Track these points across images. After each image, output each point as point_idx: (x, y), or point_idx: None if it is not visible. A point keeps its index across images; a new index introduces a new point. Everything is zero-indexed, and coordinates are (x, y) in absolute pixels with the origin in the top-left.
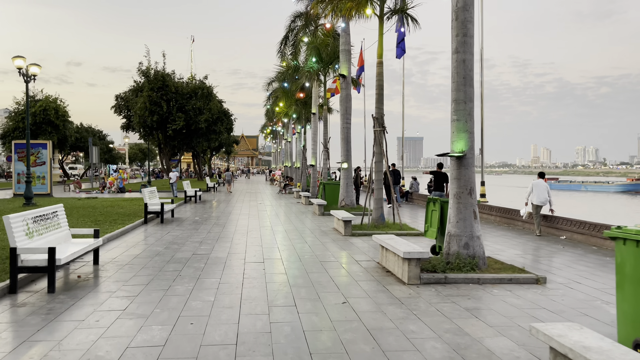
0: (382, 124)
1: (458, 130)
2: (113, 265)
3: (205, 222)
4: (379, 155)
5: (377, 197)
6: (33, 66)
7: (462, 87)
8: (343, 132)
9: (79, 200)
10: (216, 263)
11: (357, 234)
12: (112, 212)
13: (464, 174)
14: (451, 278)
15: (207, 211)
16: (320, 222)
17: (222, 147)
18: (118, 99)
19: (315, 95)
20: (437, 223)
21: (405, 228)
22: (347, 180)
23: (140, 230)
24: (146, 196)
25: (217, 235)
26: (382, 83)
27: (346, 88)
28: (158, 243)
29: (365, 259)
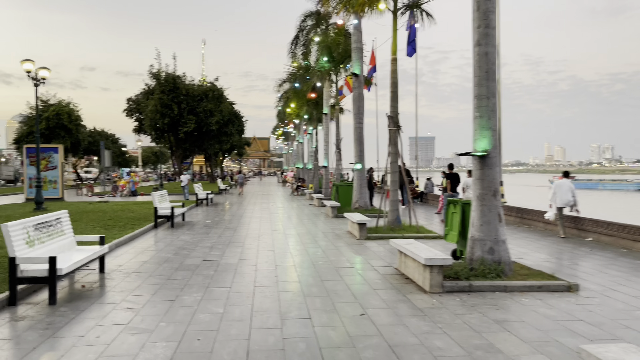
0: (397, 122)
1: (481, 128)
2: (119, 274)
3: (217, 225)
4: (394, 155)
5: (393, 199)
6: (42, 69)
7: (485, 81)
8: (356, 132)
9: (90, 205)
10: (226, 270)
11: (372, 237)
12: (122, 216)
13: (487, 174)
14: (476, 286)
15: (219, 214)
16: (333, 225)
17: (234, 149)
18: (129, 102)
19: (327, 96)
20: (458, 226)
21: (422, 230)
22: (360, 182)
23: (150, 235)
24: (156, 200)
25: (228, 239)
26: (396, 81)
27: (358, 87)
28: (167, 249)
29: (382, 265)
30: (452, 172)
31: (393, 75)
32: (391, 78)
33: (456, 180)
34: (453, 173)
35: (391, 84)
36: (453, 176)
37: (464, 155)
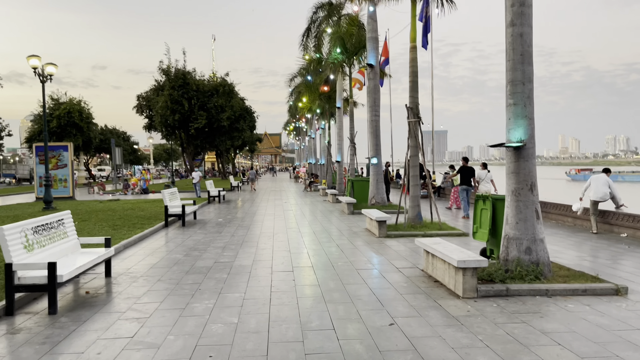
0: (417, 114)
1: (515, 116)
2: (126, 278)
3: (229, 224)
4: (414, 148)
5: (414, 194)
6: (49, 65)
7: (520, 65)
8: (371, 126)
9: (100, 203)
10: (240, 273)
11: (392, 235)
12: (132, 215)
13: (523, 167)
14: (514, 290)
15: (231, 212)
16: (350, 222)
17: (246, 145)
18: (139, 99)
19: (340, 89)
20: (488, 223)
21: (445, 227)
22: (377, 177)
23: (160, 234)
24: (166, 198)
25: (241, 239)
26: (416, 70)
27: (374, 78)
28: (178, 249)
29: (406, 266)
30: (467, 166)
31: (412, 64)
32: (410, 67)
33: (470, 173)
34: (467, 166)
35: (410, 73)
36: (467, 169)
37: (497, 146)
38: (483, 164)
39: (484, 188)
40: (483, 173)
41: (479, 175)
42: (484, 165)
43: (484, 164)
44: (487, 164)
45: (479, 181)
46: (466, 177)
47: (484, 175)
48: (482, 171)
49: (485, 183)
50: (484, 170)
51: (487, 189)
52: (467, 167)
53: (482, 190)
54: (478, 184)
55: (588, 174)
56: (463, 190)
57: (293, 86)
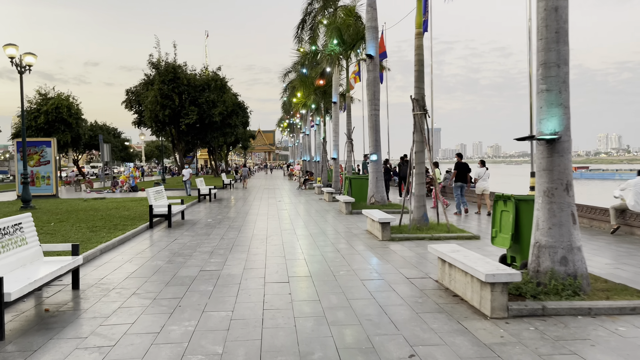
0: (423, 106)
1: (549, 104)
2: (97, 290)
3: (219, 224)
4: (419, 143)
5: (419, 194)
6: (28, 55)
7: (554, 44)
8: (371, 120)
9: (84, 202)
10: (228, 284)
11: (397, 238)
12: (115, 215)
13: (557, 163)
14: (551, 308)
15: (222, 211)
16: (349, 223)
17: (239, 142)
18: (129, 93)
19: (336, 83)
20: (510, 228)
21: (453, 230)
22: (376, 174)
23: (143, 237)
24: (151, 197)
25: (231, 242)
26: (421, 58)
27: (373, 70)
28: (160, 255)
29: (417, 275)
30: (461, 162)
31: (418, 52)
32: (416, 55)
33: (465, 169)
34: (462, 162)
35: (416, 62)
36: (462, 166)
37: (526, 139)
38: (481, 161)
39: (482, 185)
40: (482, 170)
41: (477, 172)
42: (482, 163)
43: (482, 161)
44: (485, 161)
45: (477, 179)
46: (461, 173)
47: (483, 173)
48: (481, 169)
49: (482, 181)
50: (482, 168)
51: (485, 187)
52: (461, 163)
53: (479, 187)
54: (476, 181)
55: (585, 172)
56: (457, 186)
57: (287, 82)
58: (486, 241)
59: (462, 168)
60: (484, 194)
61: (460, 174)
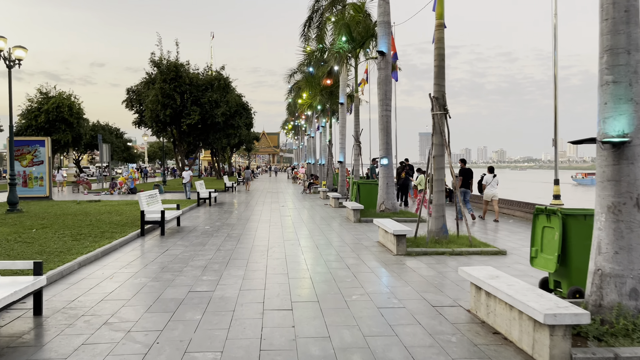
0: (443, 105)
1: (615, 100)
2: (62, 318)
3: (217, 232)
4: (439, 147)
5: (438, 203)
6: (18, 49)
7: (623, 26)
8: (382, 121)
9: (77, 205)
10: (220, 311)
11: (414, 252)
12: (105, 220)
13: (626, 172)
14: (625, 358)
15: (222, 217)
16: (358, 233)
17: (242, 143)
18: (129, 92)
19: (343, 83)
20: (556, 248)
21: (476, 244)
22: (387, 179)
23: (131, 247)
24: (143, 202)
25: (228, 254)
26: (442, 52)
27: (385, 68)
28: (147, 270)
29: (444, 302)
30: (465, 168)
31: (439, 45)
32: (436, 49)
33: (468, 175)
34: (466, 168)
35: (436, 56)
36: (465, 172)
37: (584, 142)
38: (490, 167)
39: (490, 192)
40: (490, 177)
41: (485, 179)
42: (490, 169)
43: (491, 167)
44: (493, 167)
45: (485, 185)
46: (464, 180)
47: (491, 179)
48: (489, 175)
49: (491, 187)
50: (490, 174)
51: (493, 193)
52: (465, 169)
53: (488, 194)
54: (484, 187)
55: (594, 177)
56: (461, 192)
57: (292, 83)
58: (515, 257)
59: (465, 174)
60: (493, 200)
61: (463, 180)
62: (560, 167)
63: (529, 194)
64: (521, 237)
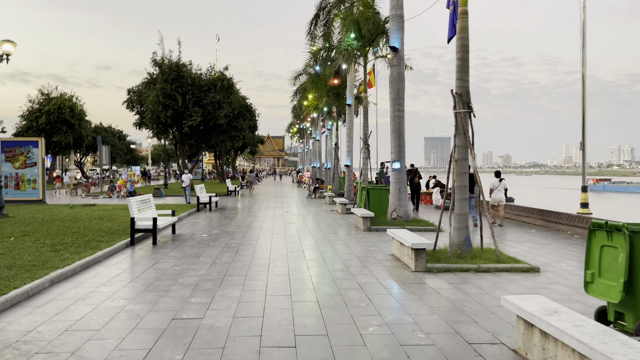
0: (467, 102)
1: None
2: (11, 357)
3: (215, 241)
4: (462, 149)
5: (460, 212)
6: (6, 43)
7: None
8: (394, 122)
9: (70, 209)
10: (206, 350)
11: (434, 269)
12: (94, 227)
13: None
14: None
15: (222, 223)
16: (368, 244)
17: (247, 146)
18: (130, 93)
19: (351, 84)
20: (621, 272)
21: (504, 259)
22: (399, 185)
23: (117, 258)
24: (134, 208)
25: (224, 269)
26: (466, 43)
27: (398, 65)
28: (128, 289)
29: (481, 338)
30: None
31: (462, 35)
32: (459, 39)
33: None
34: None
35: (459, 48)
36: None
37: None
38: (496, 172)
39: (497, 197)
40: (496, 181)
41: (492, 183)
42: (497, 174)
43: (498, 172)
44: (500, 172)
45: (492, 189)
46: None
47: (497, 184)
48: (495, 179)
49: (497, 192)
50: (496, 179)
51: (499, 198)
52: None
53: (494, 199)
54: (491, 192)
55: (607, 184)
56: None
57: (298, 84)
58: (550, 276)
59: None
60: (500, 204)
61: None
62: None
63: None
64: (550, 250)
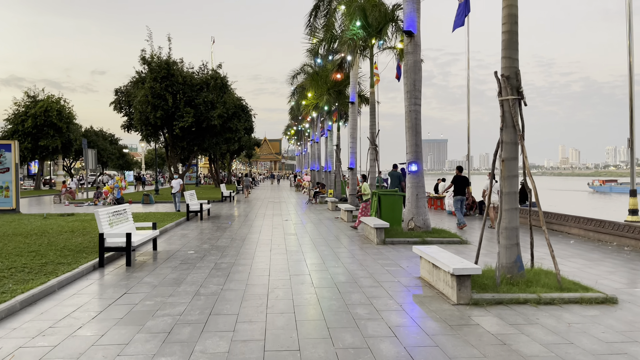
0: (517, 87)
1: None
2: None
3: (202, 260)
4: (511, 147)
5: (509, 225)
6: None
7: None
8: (410, 118)
9: (43, 219)
10: None
11: (482, 301)
12: (60, 244)
13: None
14: None
15: (213, 235)
16: (387, 262)
17: (243, 149)
18: (118, 93)
19: (354, 79)
20: None
21: (567, 285)
22: (417, 190)
23: (75, 288)
24: (102, 221)
25: (209, 304)
26: (515, 12)
27: (414, 52)
28: (73, 341)
29: None
30: (461, 175)
31: (510, 2)
32: (505, 8)
33: (464, 183)
34: (461, 176)
35: (505, 18)
36: (461, 179)
37: None
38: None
39: (492, 199)
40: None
41: (485, 185)
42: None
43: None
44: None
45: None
46: (460, 187)
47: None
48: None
49: (492, 194)
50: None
51: (494, 200)
52: (461, 177)
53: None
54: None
55: (614, 185)
56: (457, 200)
57: (296, 84)
58: (635, 310)
59: (461, 181)
60: (494, 207)
61: (459, 188)
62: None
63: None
64: (608, 268)
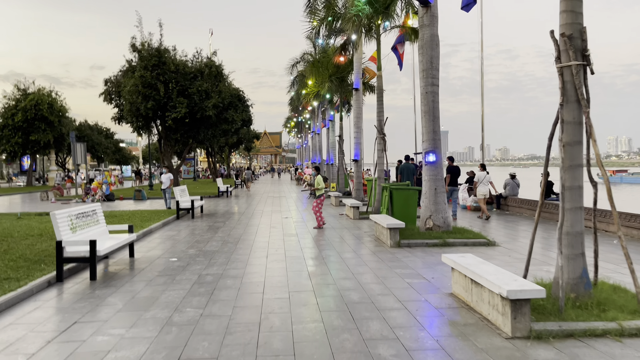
0: (582, 50)
1: None
2: None
3: (184, 271)
4: (573, 127)
5: (573, 230)
6: None
7: None
8: (426, 100)
9: (16, 220)
10: None
11: (546, 334)
12: (19, 251)
13: None
14: None
15: (202, 237)
16: (407, 271)
17: (242, 142)
18: (108, 83)
19: (358, 64)
20: None
21: None
22: (435, 183)
23: (16, 314)
24: (61, 227)
25: (181, 342)
26: None
27: (430, 24)
28: None
29: None
30: (453, 165)
31: None
32: None
33: (456, 173)
34: (454, 166)
35: None
36: (453, 169)
37: None
38: (482, 165)
39: (483, 190)
40: (482, 175)
41: (477, 176)
42: (482, 167)
43: (483, 165)
44: (485, 165)
45: (477, 182)
46: (452, 177)
47: (483, 177)
48: (481, 172)
49: (483, 185)
50: (482, 172)
51: (485, 192)
52: (453, 167)
53: (480, 192)
54: (476, 185)
55: (625, 175)
56: (451, 191)
57: (295, 73)
58: None
59: (453, 172)
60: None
61: (451, 178)
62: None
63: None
64: None
